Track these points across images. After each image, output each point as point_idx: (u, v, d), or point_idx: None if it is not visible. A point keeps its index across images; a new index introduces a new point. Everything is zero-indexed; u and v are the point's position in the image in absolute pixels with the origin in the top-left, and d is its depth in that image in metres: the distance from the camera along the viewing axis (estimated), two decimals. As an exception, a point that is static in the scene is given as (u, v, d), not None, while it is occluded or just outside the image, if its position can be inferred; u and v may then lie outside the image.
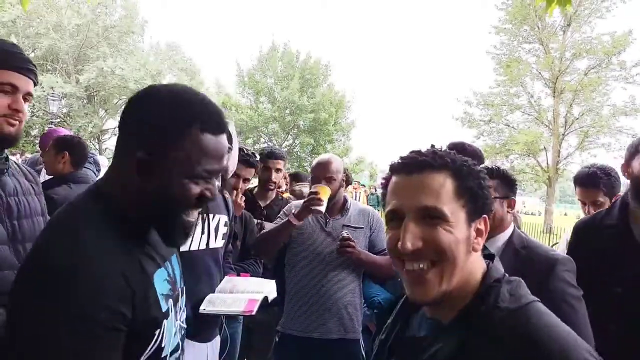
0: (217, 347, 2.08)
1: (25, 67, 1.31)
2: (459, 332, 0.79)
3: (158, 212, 0.91)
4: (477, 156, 2.34)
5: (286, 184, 4.07)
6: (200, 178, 0.90)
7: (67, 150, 2.67)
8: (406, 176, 0.85)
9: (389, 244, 0.86)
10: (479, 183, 0.85)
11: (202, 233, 1.88)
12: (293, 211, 2.26)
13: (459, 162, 0.85)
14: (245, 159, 2.34)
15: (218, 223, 2.06)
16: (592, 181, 2.38)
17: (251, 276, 2.23)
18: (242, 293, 1.94)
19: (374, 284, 2.82)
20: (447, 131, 43.30)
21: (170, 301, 0.98)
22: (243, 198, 2.51)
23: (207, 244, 1.99)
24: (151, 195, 0.89)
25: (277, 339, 2.38)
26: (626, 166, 1.79)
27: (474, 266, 0.85)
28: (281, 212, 2.48)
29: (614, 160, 18.84)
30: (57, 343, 0.77)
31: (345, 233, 2.24)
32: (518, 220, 3.58)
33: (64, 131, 3.57)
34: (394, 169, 0.88)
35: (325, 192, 2.17)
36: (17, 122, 1.32)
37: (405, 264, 0.83)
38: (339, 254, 2.20)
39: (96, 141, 23.55)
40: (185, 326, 1.12)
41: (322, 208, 2.15)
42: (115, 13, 23.40)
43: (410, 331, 0.95)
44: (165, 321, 0.94)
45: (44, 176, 2.90)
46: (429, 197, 0.82)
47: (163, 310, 0.94)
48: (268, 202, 2.96)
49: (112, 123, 24.76)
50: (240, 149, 2.20)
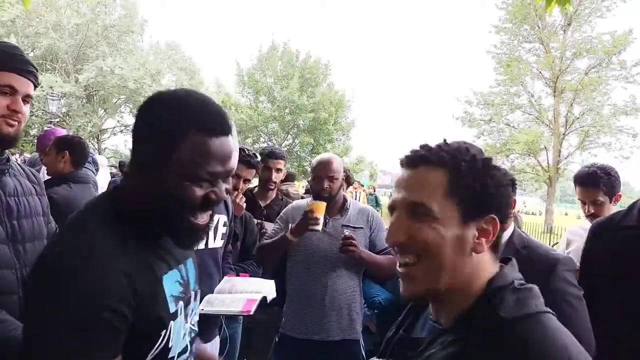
0: (217, 347, 2.09)
1: (25, 69, 1.31)
2: (457, 336, 0.77)
3: (161, 214, 0.91)
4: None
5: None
6: (203, 180, 0.90)
7: (68, 149, 2.67)
8: (405, 170, 0.87)
9: (386, 238, 0.87)
10: (484, 181, 0.82)
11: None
12: (290, 224, 2.27)
13: (459, 159, 0.83)
14: (246, 160, 2.32)
15: (217, 223, 2.06)
16: (592, 181, 2.38)
17: (250, 276, 2.23)
18: (241, 293, 1.94)
19: (374, 284, 2.83)
20: (448, 131, 43.26)
21: (180, 303, 0.98)
22: (243, 199, 2.50)
23: (207, 244, 1.99)
24: (152, 197, 0.90)
25: (277, 339, 2.38)
26: None
27: (478, 268, 0.82)
28: (279, 216, 2.49)
29: (615, 159, 18.84)
30: (58, 343, 0.77)
31: (347, 232, 2.25)
32: (518, 220, 3.58)
33: (61, 131, 3.57)
34: (400, 163, 0.90)
35: (320, 210, 2.17)
36: (16, 123, 1.32)
37: (398, 258, 0.85)
38: (342, 253, 2.20)
39: (95, 141, 23.57)
40: (196, 329, 1.12)
41: (319, 227, 2.17)
42: (114, 12, 23.44)
43: (414, 332, 0.95)
44: (172, 322, 0.94)
45: (44, 176, 2.90)
46: (417, 193, 0.82)
47: (171, 311, 0.94)
48: (268, 202, 2.96)
49: (111, 122, 24.82)
50: (241, 149, 2.18)
